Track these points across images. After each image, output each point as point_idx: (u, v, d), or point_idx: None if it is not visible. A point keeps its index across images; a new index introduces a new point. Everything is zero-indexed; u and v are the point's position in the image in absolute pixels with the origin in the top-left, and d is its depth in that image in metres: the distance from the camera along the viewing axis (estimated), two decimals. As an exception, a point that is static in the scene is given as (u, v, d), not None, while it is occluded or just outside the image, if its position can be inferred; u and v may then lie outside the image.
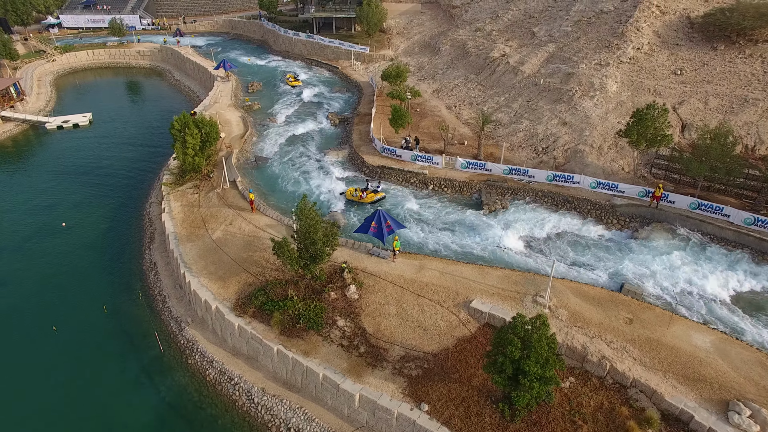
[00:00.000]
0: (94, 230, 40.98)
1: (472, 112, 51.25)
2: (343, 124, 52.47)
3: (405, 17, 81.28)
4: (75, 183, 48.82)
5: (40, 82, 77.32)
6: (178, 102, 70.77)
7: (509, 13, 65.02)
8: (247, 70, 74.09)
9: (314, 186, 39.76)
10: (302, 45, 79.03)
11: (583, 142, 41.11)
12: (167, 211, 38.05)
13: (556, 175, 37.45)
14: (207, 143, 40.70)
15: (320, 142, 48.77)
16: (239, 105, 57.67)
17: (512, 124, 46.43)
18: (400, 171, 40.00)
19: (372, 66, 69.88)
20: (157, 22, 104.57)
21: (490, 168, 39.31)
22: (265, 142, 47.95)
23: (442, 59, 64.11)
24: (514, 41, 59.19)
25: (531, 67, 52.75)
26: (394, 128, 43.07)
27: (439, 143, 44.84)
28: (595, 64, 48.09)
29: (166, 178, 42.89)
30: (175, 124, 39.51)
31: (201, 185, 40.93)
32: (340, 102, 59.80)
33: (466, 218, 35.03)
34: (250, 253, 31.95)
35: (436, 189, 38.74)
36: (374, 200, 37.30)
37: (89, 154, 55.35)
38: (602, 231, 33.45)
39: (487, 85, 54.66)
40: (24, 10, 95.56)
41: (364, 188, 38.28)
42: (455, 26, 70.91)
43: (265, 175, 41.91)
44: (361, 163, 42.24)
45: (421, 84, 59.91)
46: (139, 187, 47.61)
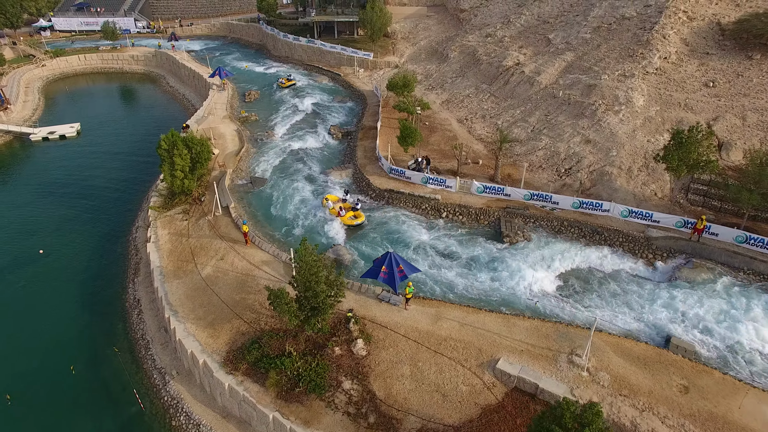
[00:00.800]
0: (74, 258, 37.50)
1: (486, 126, 47.62)
2: (346, 139, 48.88)
3: (410, 21, 77.63)
4: (57, 201, 45.35)
5: (28, 89, 73.75)
6: (171, 111, 67.24)
7: (522, 17, 61.36)
8: (244, 77, 70.49)
9: (314, 213, 36.09)
10: (302, 50, 75.42)
11: (609, 163, 37.49)
12: (153, 241, 34.50)
13: (582, 202, 33.86)
14: (198, 164, 37.12)
15: (322, 159, 45.16)
16: (235, 116, 54.07)
17: (530, 141, 42.80)
18: (411, 196, 36.39)
19: (376, 73, 66.27)
20: (152, 25, 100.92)
21: (509, 193, 35.72)
22: (262, 160, 44.34)
23: (450, 67, 60.46)
24: (528, 49, 55.54)
25: (548, 78, 49.11)
26: (403, 147, 39.46)
27: (452, 162, 41.24)
28: (618, 75, 44.45)
29: (153, 200, 39.32)
30: (162, 144, 35.95)
31: (191, 210, 37.35)
32: (343, 113, 56.19)
33: (484, 252, 31.45)
34: (244, 295, 28.38)
35: (450, 217, 35.12)
36: (353, 224, 33.98)
37: (75, 168, 51.85)
38: (637, 267, 29.87)
39: (501, 97, 51.02)
40: (13, 13, 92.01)
41: (344, 199, 35.69)
42: (464, 31, 67.24)
43: (261, 199, 38.29)
44: (366, 186, 38.64)
45: (429, 94, 56.29)
46: (126, 206, 44.13)
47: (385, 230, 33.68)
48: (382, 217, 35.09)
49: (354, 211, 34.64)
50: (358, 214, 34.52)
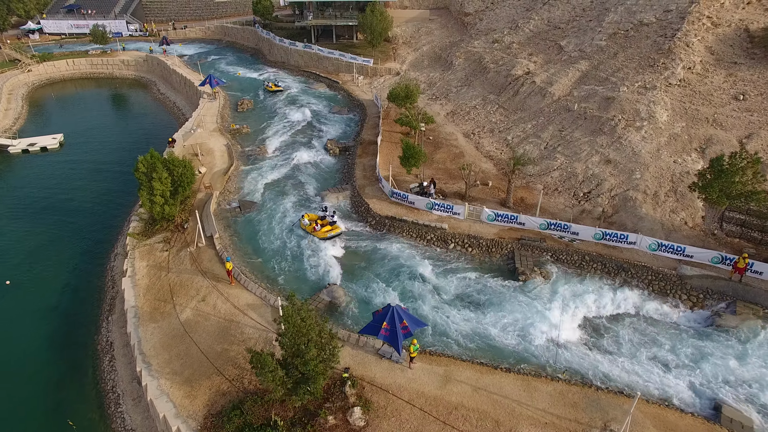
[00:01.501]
0: (45, 290, 34.11)
1: (495, 141, 44.16)
2: (344, 155, 45.41)
3: (412, 25, 74.13)
4: (32, 222, 41.96)
5: (11, 96, 70.24)
6: (161, 120, 63.84)
7: (531, 22, 57.88)
8: (237, 85, 66.99)
9: (306, 244, 32.61)
10: (299, 56, 71.93)
11: (633, 187, 34.05)
12: (130, 275, 31.14)
13: (605, 233, 30.43)
14: (180, 187, 33.69)
15: (317, 178, 41.67)
16: (226, 129, 50.59)
17: (544, 160, 39.35)
18: (414, 225, 32.94)
19: (376, 81, 62.79)
20: (145, 28, 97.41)
21: (523, 221, 32.28)
22: (253, 179, 40.86)
23: (455, 75, 57.00)
24: (539, 56, 52.08)
25: (561, 89, 45.65)
26: (406, 168, 36.00)
27: (458, 183, 37.81)
28: (638, 87, 41.03)
29: (133, 225, 35.93)
30: (139, 166, 32.56)
31: (173, 238, 33.95)
32: (341, 125, 52.71)
33: (497, 292, 28.02)
34: (226, 345, 24.98)
35: (458, 248, 31.67)
36: (327, 237, 32.54)
37: (55, 184, 48.43)
38: (671, 312, 26.42)
39: (510, 109, 47.56)
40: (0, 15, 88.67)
41: (322, 216, 33.97)
42: (469, 36, 63.79)
43: (249, 226, 34.82)
44: (365, 211, 35.18)
45: (433, 104, 52.83)
46: (107, 228, 40.79)
47: (385, 265, 30.25)
48: (382, 249, 31.67)
49: (331, 225, 33.32)
50: (334, 227, 33.32)
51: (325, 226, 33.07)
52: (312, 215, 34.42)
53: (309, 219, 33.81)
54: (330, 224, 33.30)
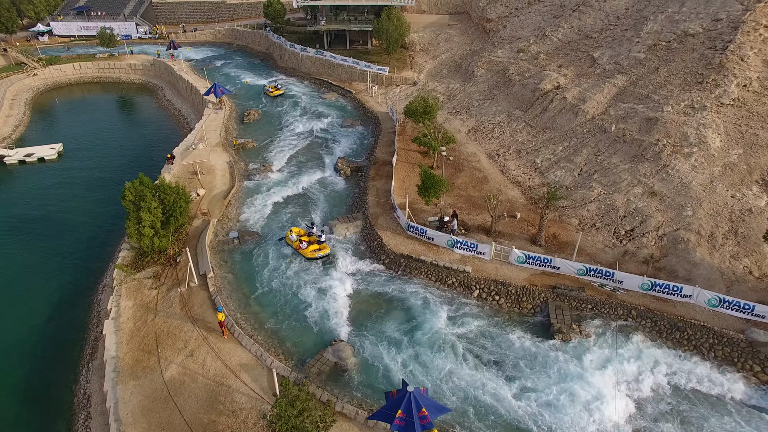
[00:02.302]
0: (25, 325, 31.07)
1: (522, 164, 40.06)
2: (355, 176, 41.65)
3: (430, 31, 70.13)
4: (21, 243, 39.11)
5: (14, 102, 67.83)
6: (165, 129, 60.78)
7: (559, 31, 53.60)
8: (244, 93, 63.69)
9: (311, 285, 28.90)
10: (311, 62, 68.38)
11: (684, 226, 29.78)
12: (114, 316, 27.79)
13: (654, 283, 26.27)
14: (172, 217, 30.22)
15: (326, 203, 37.95)
16: (229, 144, 47.17)
17: (578, 189, 35.19)
18: (434, 266, 29.05)
19: (392, 91, 58.95)
20: (155, 31, 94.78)
21: (558, 265, 28.23)
22: (255, 204, 37.30)
23: (477, 87, 52.93)
24: (569, 69, 47.81)
25: (595, 106, 41.40)
26: (425, 199, 32.11)
27: (483, 214, 33.85)
28: (685, 107, 36.70)
29: (122, 255, 32.60)
30: (126, 194, 29.17)
31: (164, 273, 30.54)
32: (353, 140, 48.96)
33: (529, 353, 24.07)
34: (213, 416, 21.40)
35: (483, 296, 27.72)
36: (315, 257, 30.51)
37: (49, 198, 45.50)
38: (744, 389, 22.19)
39: (538, 127, 43.40)
40: (8, 17, 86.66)
41: (309, 233, 32.11)
42: (491, 45, 59.65)
43: (248, 262, 31.18)
44: (378, 247, 31.36)
45: (453, 120, 48.82)
46: (98, 252, 37.68)
47: (400, 314, 26.45)
48: (397, 294, 27.86)
49: (319, 244, 31.14)
50: (323, 247, 31.09)
51: (312, 244, 31.12)
52: (300, 230, 32.78)
53: (296, 234, 32.01)
54: (318, 242, 31.22)
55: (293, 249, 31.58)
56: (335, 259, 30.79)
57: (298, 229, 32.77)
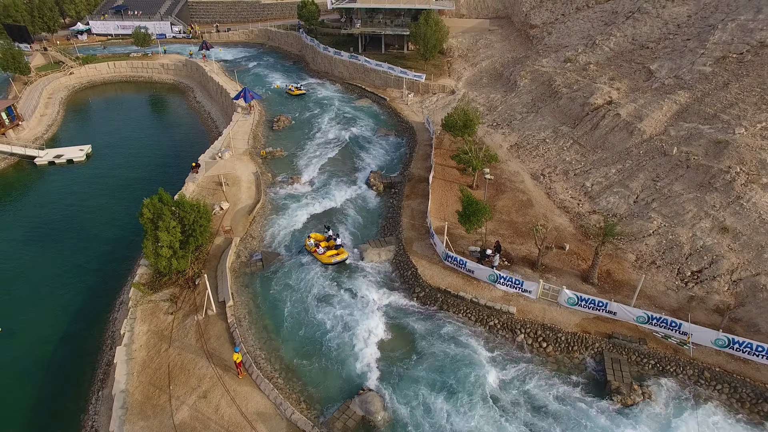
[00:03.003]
0: (38, 343, 29.89)
1: (570, 187, 36.72)
2: (389, 193, 39.05)
3: (469, 36, 66.95)
4: (43, 249, 38.22)
5: (50, 100, 68.01)
6: (193, 132, 59.55)
7: (611, 39, 49.73)
8: (275, 97, 61.94)
9: (338, 319, 26.43)
10: (344, 66, 66.11)
11: (766, 270, 26.05)
12: (126, 342, 25.98)
13: (732, 340, 22.80)
14: (192, 237, 28.24)
15: (356, 223, 35.48)
16: (257, 152, 45.25)
17: (635, 219, 31.70)
18: (474, 304, 26.20)
19: (428, 99, 56.11)
20: (189, 30, 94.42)
21: (614, 310, 25.01)
22: (281, 221, 35.12)
23: (520, 99, 49.60)
24: (623, 82, 44.04)
25: (653, 125, 37.70)
26: (466, 228, 29.20)
27: (527, 244, 30.80)
28: (761, 129, 32.81)
29: (140, 273, 30.86)
30: (144, 211, 27.29)
31: (181, 296, 28.59)
32: (387, 152, 46.38)
33: (582, 416, 20.97)
34: (224, 474, 19.13)
35: (528, 342, 24.72)
36: (332, 262, 30.26)
37: (75, 202, 44.66)
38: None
39: (588, 146, 39.90)
40: (51, 16, 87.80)
41: (327, 237, 31.90)
42: (535, 53, 56.12)
43: (271, 289, 28.92)
44: (413, 278, 28.67)
45: (494, 134, 45.67)
46: (119, 262, 36.50)
47: (436, 360, 23.74)
48: (433, 335, 25.15)
49: (336, 249, 30.91)
50: (340, 251, 30.80)
51: (329, 249, 30.85)
52: (318, 235, 32.49)
53: (314, 239, 31.80)
54: (335, 247, 30.98)
55: (312, 256, 31.06)
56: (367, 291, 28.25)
57: (316, 234, 32.50)
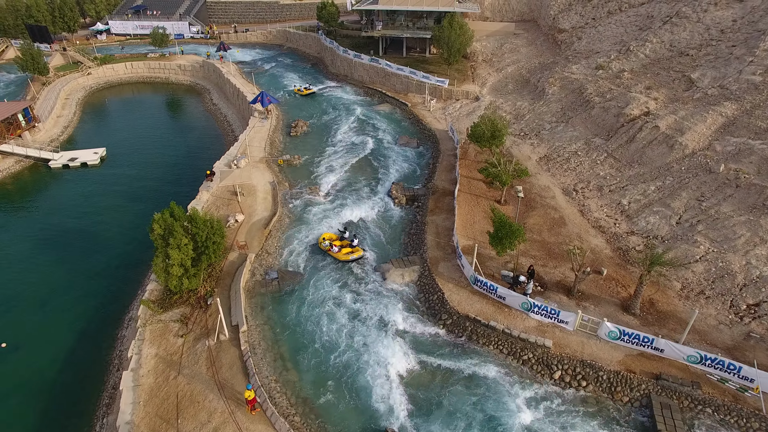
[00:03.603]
0: (42, 359, 28.72)
1: (605, 204, 34.39)
2: (411, 206, 37.12)
3: (494, 40, 64.69)
4: (51, 258, 37.26)
5: (67, 101, 67.43)
6: (209, 136, 58.29)
7: (646, 46, 47.13)
8: (293, 100, 60.42)
9: (359, 348, 24.59)
10: (364, 70, 64.30)
11: (831, 307, 23.58)
12: (133, 367, 24.47)
13: (799, 388, 20.40)
14: (204, 254, 26.65)
15: (378, 239, 33.57)
16: (274, 160, 43.66)
17: (678, 243, 29.32)
18: (506, 335, 24.16)
19: (451, 106, 54.03)
20: (207, 30, 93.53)
21: (661, 347, 22.76)
22: (299, 236, 33.41)
23: (549, 107, 47.27)
24: (660, 91, 41.51)
25: (696, 139, 35.20)
26: (497, 250, 27.12)
27: (561, 267, 28.65)
28: (818, 148, 30.11)
29: (150, 289, 29.38)
30: (155, 227, 25.75)
31: (192, 317, 27.01)
32: (409, 161, 44.44)
33: (632, 471, 18.82)
34: None
35: (566, 380, 22.59)
36: (349, 260, 30.71)
37: (86, 209, 43.58)
38: None
39: (624, 160, 37.52)
40: (71, 16, 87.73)
41: (341, 237, 32.40)
42: (564, 59, 53.70)
43: (288, 311, 27.17)
44: (439, 303, 26.71)
45: (522, 144, 43.45)
46: (128, 275, 35.23)
47: (464, 399, 21.76)
48: (462, 369, 23.20)
49: (351, 248, 31.37)
50: (355, 250, 31.27)
51: (344, 248, 31.21)
52: (331, 235, 32.86)
53: (328, 239, 32.17)
54: (350, 246, 31.40)
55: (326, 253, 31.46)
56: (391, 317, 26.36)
57: (330, 234, 32.83)
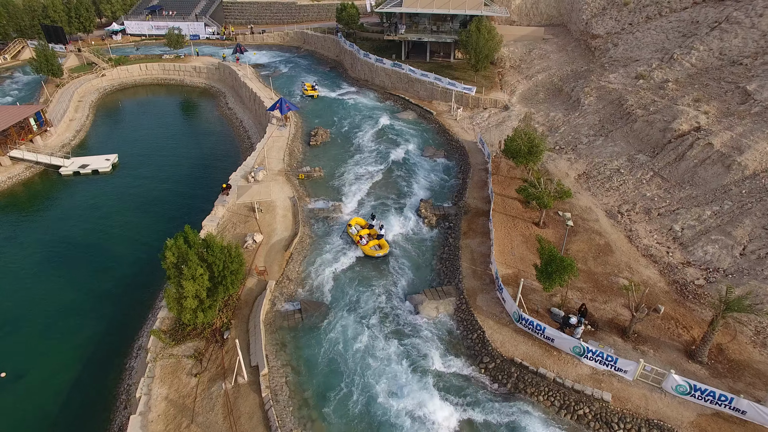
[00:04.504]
0: (44, 390, 26.77)
1: (655, 230, 31.44)
2: (442, 226, 34.46)
3: (521, 45, 61.74)
4: (58, 274, 35.57)
5: (80, 104, 65.86)
6: (225, 143, 56.18)
7: (692, 54, 43.95)
8: (311, 105, 58.10)
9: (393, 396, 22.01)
10: (386, 75, 61.69)
11: None
12: (141, 410, 22.16)
13: None
14: (221, 285, 24.25)
15: (407, 265, 30.83)
16: (293, 171, 41.30)
17: (744, 277, 26.32)
18: (557, 385, 21.43)
19: (479, 115, 51.24)
20: (223, 31, 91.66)
21: (743, 409, 19.84)
22: (321, 259, 30.86)
23: (585, 119, 44.30)
24: (711, 104, 38.39)
25: (758, 159, 32.11)
26: (544, 286, 24.37)
27: (611, 302, 25.83)
28: None
29: (161, 316, 27.05)
30: (167, 255, 23.35)
31: (207, 352, 24.63)
32: (436, 175, 41.78)
33: None
34: None
35: (631, 444, 19.82)
36: (375, 256, 30.34)
37: (96, 220, 41.67)
38: None
39: (673, 180, 34.50)
40: (87, 17, 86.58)
41: (370, 225, 32.29)
42: (600, 66, 50.63)
43: (313, 348, 24.59)
44: (479, 343, 24.04)
45: (558, 160, 40.56)
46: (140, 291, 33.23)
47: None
48: (507, 422, 20.50)
49: (378, 240, 31.24)
50: (382, 244, 31.12)
51: (372, 239, 31.18)
52: (360, 220, 32.87)
53: (356, 225, 32.30)
54: (377, 237, 31.37)
55: (353, 241, 31.55)
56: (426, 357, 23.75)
57: (358, 219, 32.81)
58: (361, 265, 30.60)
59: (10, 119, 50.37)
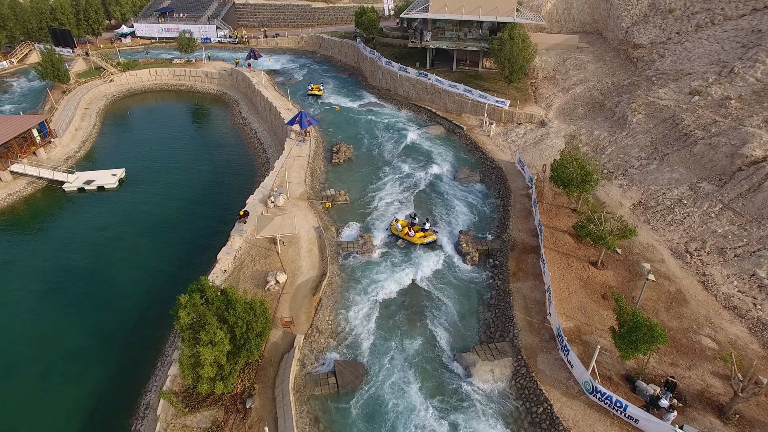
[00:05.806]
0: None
1: (734, 274, 27.50)
2: (486, 264, 30.71)
3: (555, 54, 57.82)
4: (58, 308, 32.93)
5: (87, 111, 62.74)
6: (239, 158, 52.63)
7: (757, 67, 39.88)
8: (332, 117, 54.53)
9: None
10: (410, 84, 57.94)
11: None
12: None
13: None
14: (245, 348, 20.67)
15: (452, 314, 26.98)
16: (317, 194, 37.73)
17: None
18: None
19: (513, 132, 47.40)
20: (235, 35, 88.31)
21: None
22: (354, 306, 27.16)
23: (635, 139, 40.35)
24: (784, 127, 34.38)
25: None
26: (622, 353, 20.56)
27: (697, 370, 21.99)
28: None
29: (173, 373, 23.51)
30: (181, 314, 19.81)
31: (226, 425, 21.04)
32: (474, 201, 38.02)
33: None
34: None
35: None
36: (424, 242, 31.92)
37: (100, 245, 38.59)
38: None
39: (748, 214, 30.55)
40: (96, 19, 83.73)
41: (411, 223, 33.20)
42: (647, 80, 46.60)
43: (349, 428, 20.95)
44: (547, 419, 20.31)
45: (608, 186, 36.62)
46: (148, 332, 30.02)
47: None
48: None
49: (424, 231, 32.34)
50: (428, 234, 32.21)
51: (418, 232, 32.25)
52: (403, 221, 33.56)
53: (401, 224, 33.00)
54: (422, 230, 32.45)
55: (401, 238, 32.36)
56: None
57: (401, 221, 33.47)
58: (400, 308, 26.92)
59: (12, 131, 47.23)
